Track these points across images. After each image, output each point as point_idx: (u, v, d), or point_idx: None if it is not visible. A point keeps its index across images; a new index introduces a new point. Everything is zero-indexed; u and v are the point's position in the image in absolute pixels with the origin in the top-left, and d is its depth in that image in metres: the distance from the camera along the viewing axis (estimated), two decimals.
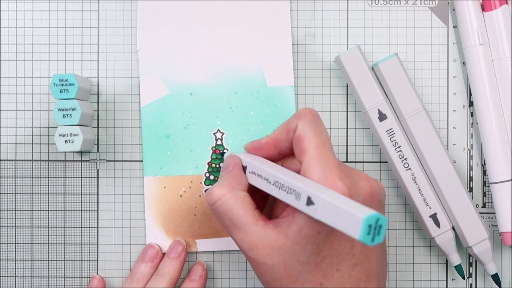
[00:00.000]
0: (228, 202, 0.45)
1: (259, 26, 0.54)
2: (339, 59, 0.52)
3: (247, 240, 0.44)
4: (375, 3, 0.54)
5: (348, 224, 0.37)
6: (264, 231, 0.44)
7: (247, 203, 0.45)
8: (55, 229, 0.55)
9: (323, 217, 0.39)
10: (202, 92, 0.54)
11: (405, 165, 0.52)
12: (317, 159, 0.43)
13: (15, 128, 0.55)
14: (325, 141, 0.44)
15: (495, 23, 0.52)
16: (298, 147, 0.45)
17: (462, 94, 0.54)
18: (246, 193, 0.46)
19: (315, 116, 0.45)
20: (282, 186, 0.43)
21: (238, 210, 0.45)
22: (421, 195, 0.52)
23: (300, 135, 0.44)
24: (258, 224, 0.44)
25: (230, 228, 0.45)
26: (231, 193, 0.45)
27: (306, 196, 0.40)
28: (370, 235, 0.36)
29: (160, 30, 0.54)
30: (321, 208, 0.39)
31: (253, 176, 0.46)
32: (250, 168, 0.47)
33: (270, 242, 0.43)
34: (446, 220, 0.52)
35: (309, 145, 0.44)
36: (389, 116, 0.52)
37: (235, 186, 0.46)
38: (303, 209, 0.41)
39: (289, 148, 0.46)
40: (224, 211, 0.45)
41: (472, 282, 0.55)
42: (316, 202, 0.40)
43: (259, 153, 0.48)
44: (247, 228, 0.44)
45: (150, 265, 0.53)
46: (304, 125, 0.45)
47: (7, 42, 0.55)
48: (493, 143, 0.52)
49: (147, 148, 0.54)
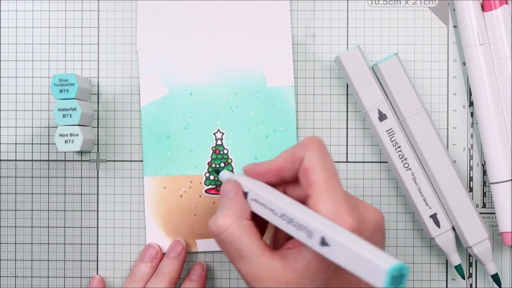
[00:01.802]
0: (235, 233, 0.43)
1: (259, 26, 0.54)
2: (339, 59, 0.52)
3: (253, 272, 0.42)
4: (375, 3, 0.54)
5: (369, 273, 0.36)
6: (270, 263, 0.42)
7: (253, 233, 0.43)
8: (55, 229, 0.55)
9: (340, 261, 0.38)
10: (202, 92, 0.54)
11: (405, 165, 0.52)
12: (326, 193, 0.42)
13: (15, 128, 0.55)
14: (333, 174, 0.43)
15: (495, 23, 0.52)
16: (305, 179, 0.43)
17: (462, 94, 0.54)
18: (251, 223, 0.44)
19: (322, 147, 0.44)
20: (291, 220, 0.41)
21: (245, 242, 0.43)
22: (421, 195, 0.52)
23: (308, 167, 0.43)
24: (265, 255, 0.42)
25: (236, 259, 0.43)
26: (237, 223, 0.43)
27: (320, 236, 0.39)
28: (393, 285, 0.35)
29: (160, 30, 0.54)
30: (337, 251, 0.38)
31: (256, 204, 0.44)
32: (252, 195, 0.44)
33: (276, 274, 0.42)
34: (446, 220, 0.52)
35: (318, 179, 0.42)
36: (389, 116, 0.52)
37: (240, 215, 0.44)
38: (317, 249, 0.39)
39: (293, 177, 0.45)
40: (231, 242, 0.43)
41: (472, 282, 0.55)
42: (331, 244, 0.38)
43: (260, 178, 0.46)
44: (253, 259, 0.42)
45: (150, 265, 0.53)
46: (311, 156, 0.43)
47: (7, 42, 0.55)
48: (493, 143, 0.52)
49: (147, 148, 0.54)
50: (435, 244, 0.53)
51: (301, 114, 0.54)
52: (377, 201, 0.54)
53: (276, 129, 0.54)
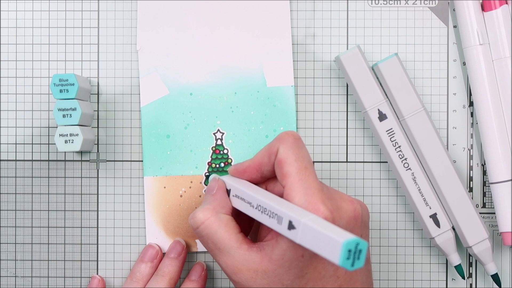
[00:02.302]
0: (212, 226, 0.45)
1: (259, 26, 0.54)
2: (339, 59, 0.52)
3: (231, 264, 0.44)
4: (375, 3, 0.54)
5: (328, 249, 0.37)
6: (248, 255, 0.44)
7: (231, 226, 0.45)
8: (55, 229, 0.55)
9: (304, 241, 0.39)
10: (202, 92, 0.54)
11: (405, 165, 0.52)
12: (299, 183, 0.43)
13: (15, 128, 0.55)
14: (307, 165, 0.44)
15: (495, 23, 0.52)
16: (279, 171, 0.44)
17: (462, 94, 0.54)
18: (230, 217, 0.46)
19: (297, 139, 0.45)
20: (265, 210, 0.43)
21: (221, 234, 0.45)
22: (421, 195, 0.52)
23: (281, 159, 0.44)
24: (242, 247, 0.44)
25: (214, 252, 0.45)
26: (214, 216, 0.45)
27: (288, 220, 0.40)
28: (350, 259, 0.36)
29: (160, 30, 0.54)
30: (302, 232, 0.39)
31: (236, 199, 0.46)
32: (233, 191, 0.47)
33: (254, 265, 0.43)
34: (446, 220, 0.52)
35: (291, 169, 0.44)
36: (389, 116, 0.52)
37: (219, 209, 0.46)
38: (284, 233, 0.41)
39: (271, 171, 0.46)
40: (208, 234, 0.45)
41: (472, 282, 0.55)
42: (297, 227, 0.40)
43: (242, 176, 0.48)
44: (231, 251, 0.44)
45: (150, 265, 0.53)
46: (285, 148, 0.45)
47: (7, 42, 0.55)
48: (493, 143, 0.52)
49: (147, 148, 0.54)
50: (435, 244, 0.53)
51: (301, 114, 0.54)
52: (377, 201, 0.54)
53: (276, 129, 0.54)
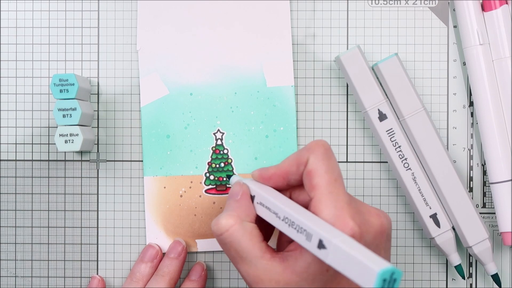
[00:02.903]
0: (236, 234, 0.43)
1: (259, 26, 0.54)
2: (339, 59, 0.52)
3: (253, 273, 0.43)
4: (375, 3, 0.54)
5: (361, 275, 0.36)
6: (270, 265, 0.42)
7: (255, 235, 0.44)
8: (55, 229, 0.55)
9: (335, 263, 0.38)
10: (202, 92, 0.54)
11: (405, 165, 0.52)
12: (328, 196, 0.42)
13: (15, 128, 0.55)
14: (337, 177, 0.43)
15: (495, 23, 0.52)
16: (308, 182, 0.43)
17: (462, 94, 0.54)
18: (254, 225, 0.44)
19: (327, 150, 0.44)
20: (292, 223, 0.41)
21: (245, 243, 0.43)
22: (421, 195, 0.52)
23: (311, 170, 0.43)
24: (265, 257, 0.43)
25: (236, 260, 0.44)
26: (239, 224, 0.43)
27: (318, 238, 0.39)
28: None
29: (160, 30, 0.54)
30: (333, 254, 0.38)
31: (261, 208, 0.45)
32: (258, 198, 0.45)
33: (276, 276, 0.42)
34: (446, 220, 0.52)
35: (321, 181, 0.42)
36: (389, 116, 0.52)
37: (243, 217, 0.44)
38: (314, 251, 0.40)
39: (298, 180, 0.45)
40: (231, 243, 0.43)
41: (472, 282, 0.55)
42: (328, 247, 0.39)
43: (267, 183, 0.46)
44: (253, 261, 0.43)
45: (150, 265, 0.53)
46: (315, 159, 0.43)
47: (7, 42, 0.55)
48: (493, 143, 0.52)
49: (147, 148, 0.54)
50: (435, 244, 0.53)
51: (301, 114, 0.54)
52: (377, 201, 0.54)
53: (276, 129, 0.54)
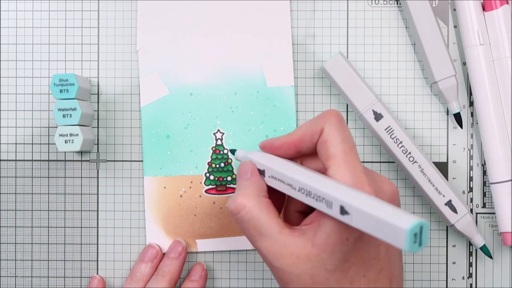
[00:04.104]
0: (254, 210, 0.43)
1: (259, 26, 0.54)
2: (323, 68, 0.52)
3: (273, 249, 0.43)
4: (375, 3, 0.54)
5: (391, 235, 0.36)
6: (290, 239, 0.42)
7: (271, 210, 0.44)
8: (55, 229, 0.55)
9: (362, 227, 0.38)
10: (202, 92, 0.54)
11: (410, 159, 0.52)
12: (345, 165, 0.42)
13: (15, 128, 0.55)
14: (352, 147, 0.43)
15: (496, 23, 0.52)
16: (324, 151, 0.43)
17: (462, 94, 0.54)
18: (269, 200, 0.44)
19: (341, 120, 0.44)
20: (309, 193, 0.41)
21: (264, 218, 0.43)
22: (432, 185, 0.52)
23: (327, 139, 0.43)
24: (284, 232, 0.43)
25: (255, 237, 0.44)
26: (255, 201, 0.44)
27: (339, 205, 0.39)
28: (416, 243, 0.36)
29: (160, 30, 0.54)
30: (357, 218, 0.38)
31: (273, 180, 0.44)
32: (269, 172, 0.45)
33: (296, 250, 0.42)
34: (462, 204, 0.52)
35: (337, 151, 0.42)
36: (384, 114, 0.52)
37: (258, 193, 0.44)
38: (338, 217, 0.39)
39: (312, 149, 0.45)
40: (250, 220, 0.43)
41: (472, 282, 0.55)
42: (351, 212, 0.38)
43: (277, 152, 0.46)
44: (273, 236, 0.43)
45: (150, 265, 0.53)
46: (330, 129, 0.43)
47: (7, 42, 0.55)
48: (493, 143, 0.52)
49: (147, 148, 0.54)
50: (456, 230, 0.52)
51: (301, 114, 0.54)
52: None
53: (276, 129, 0.54)
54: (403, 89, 0.54)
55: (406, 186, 0.54)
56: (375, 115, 0.52)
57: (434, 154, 0.54)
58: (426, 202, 0.54)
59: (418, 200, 0.54)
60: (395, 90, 0.54)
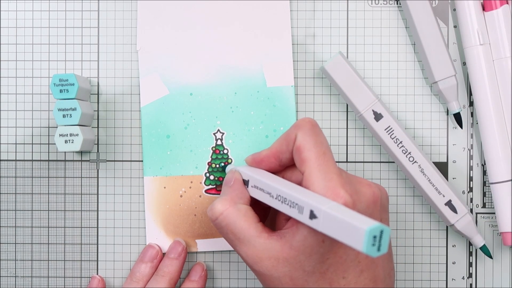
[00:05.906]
0: (230, 216, 0.45)
1: (259, 26, 0.54)
2: (323, 69, 0.52)
3: (252, 253, 0.44)
4: (375, 3, 0.54)
5: (351, 237, 0.37)
6: (268, 243, 0.43)
7: (250, 216, 0.45)
8: (55, 229, 0.55)
9: (326, 230, 0.39)
10: (202, 92, 0.54)
11: (410, 159, 0.52)
12: (318, 169, 0.43)
13: (15, 128, 0.55)
14: (325, 150, 0.44)
15: (496, 23, 0.52)
16: (298, 157, 0.44)
17: (462, 94, 0.54)
18: (249, 207, 0.46)
19: (314, 126, 0.45)
20: (285, 200, 0.43)
21: (241, 224, 0.44)
22: (432, 185, 0.52)
23: (300, 145, 0.44)
24: (262, 236, 0.44)
25: (234, 242, 0.45)
26: (233, 207, 0.45)
27: (309, 209, 0.40)
28: (375, 246, 0.36)
29: (160, 30, 0.54)
30: (324, 221, 0.39)
31: (255, 190, 0.46)
32: (252, 182, 0.46)
33: (275, 253, 0.43)
34: (462, 204, 0.52)
35: (310, 155, 0.44)
36: (384, 114, 0.52)
37: (236, 200, 0.46)
38: (307, 222, 0.41)
39: (290, 159, 0.46)
40: (227, 225, 0.45)
41: (472, 282, 0.55)
42: (319, 215, 0.40)
43: (260, 165, 0.48)
44: (251, 241, 0.44)
45: (150, 266, 0.53)
46: (303, 135, 0.45)
47: (7, 42, 0.55)
48: (493, 143, 0.52)
49: (147, 148, 0.54)
50: (456, 230, 0.52)
51: (301, 114, 0.54)
52: None
53: (276, 129, 0.54)
54: (403, 89, 0.54)
55: (406, 186, 0.54)
56: (375, 115, 0.52)
57: (434, 154, 0.54)
58: (426, 202, 0.54)
59: (418, 200, 0.54)
60: (395, 90, 0.54)
